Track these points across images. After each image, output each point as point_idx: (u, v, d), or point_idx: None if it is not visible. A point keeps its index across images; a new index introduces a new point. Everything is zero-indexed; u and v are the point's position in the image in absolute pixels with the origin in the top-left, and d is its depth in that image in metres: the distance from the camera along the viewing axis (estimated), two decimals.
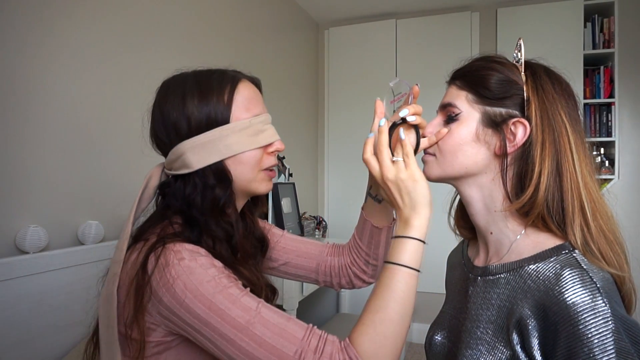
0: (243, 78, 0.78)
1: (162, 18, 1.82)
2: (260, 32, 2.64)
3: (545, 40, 2.89)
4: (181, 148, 0.72)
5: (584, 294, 0.54)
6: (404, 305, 0.63)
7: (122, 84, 1.60)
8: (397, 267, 0.64)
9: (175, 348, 0.69)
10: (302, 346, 0.60)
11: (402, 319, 0.63)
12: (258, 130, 0.75)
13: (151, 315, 0.66)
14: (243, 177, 0.75)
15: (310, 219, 3.06)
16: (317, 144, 3.54)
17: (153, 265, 0.65)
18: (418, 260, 0.66)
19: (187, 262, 0.64)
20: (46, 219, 1.31)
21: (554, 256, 0.61)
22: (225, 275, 0.66)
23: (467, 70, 0.71)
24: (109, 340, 0.68)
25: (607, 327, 0.52)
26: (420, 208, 0.66)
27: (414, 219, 0.66)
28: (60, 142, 1.37)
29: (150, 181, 0.77)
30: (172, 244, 0.66)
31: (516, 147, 0.65)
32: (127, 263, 0.70)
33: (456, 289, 0.80)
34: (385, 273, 0.65)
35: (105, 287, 0.70)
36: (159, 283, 0.63)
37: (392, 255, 0.66)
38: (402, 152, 0.67)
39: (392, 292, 0.63)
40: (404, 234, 0.66)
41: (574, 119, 0.66)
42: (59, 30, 1.36)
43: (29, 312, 1.17)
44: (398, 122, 0.72)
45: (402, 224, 0.67)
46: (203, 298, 0.62)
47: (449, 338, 0.76)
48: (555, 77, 0.68)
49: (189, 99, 0.72)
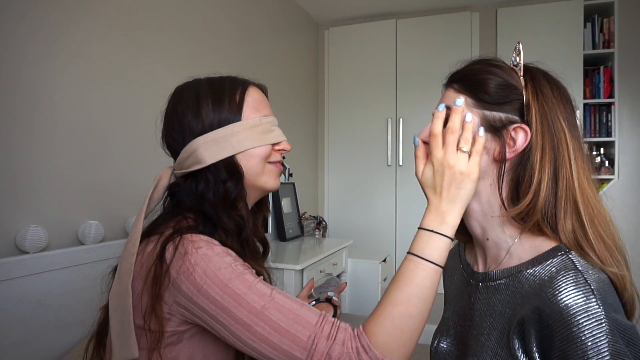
0: (252, 84, 0.83)
1: (164, 19, 1.82)
2: (261, 32, 2.65)
3: (545, 41, 2.89)
4: (194, 144, 0.75)
5: (577, 296, 0.54)
6: (426, 302, 0.62)
7: (124, 85, 1.60)
8: (424, 262, 0.63)
9: (189, 340, 0.70)
10: (315, 332, 0.61)
11: (421, 314, 0.62)
12: (267, 130, 0.79)
13: (167, 304, 0.67)
14: (253, 172, 0.78)
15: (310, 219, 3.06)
16: (317, 144, 3.54)
17: (171, 255, 0.67)
18: (445, 258, 0.64)
19: (205, 250, 0.66)
20: (46, 219, 1.31)
21: (551, 259, 0.61)
22: (241, 262, 0.68)
23: (466, 73, 0.69)
24: (124, 334, 0.68)
25: (601, 329, 0.52)
26: (461, 206, 0.64)
27: (450, 214, 0.64)
28: (61, 142, 1.37)
29: (160, 182, 0.79)
30: (189, 234, 0.69)
31: (516, 153, 0.64)
32: (142, 255, 0.71)
33: (457, 294, 0.80)
34: (410, 266, 0.64)
35: (119, 281, 0.71)
36: (178, 271, 0.65)
37: (420, 249, 0.64)
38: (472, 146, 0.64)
39: (415, 287, 0.62)
40: (438, 229, 0.64)
41: (572, 124, 0.65)
42: (65, 31, 1.36)
43: (29, 312, 1.17)
44: (322, 299, 0.93)
45: (438, 217, 0.65)
46: (220, 283, 0.64)
47: (455, 346, 0.76)
48: (553, 82, 0.67)
49: (203, 101, 0.76)
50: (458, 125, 0.65)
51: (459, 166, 0.63)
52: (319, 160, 3.53)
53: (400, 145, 3.26)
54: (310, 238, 2.86)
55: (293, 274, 1.91)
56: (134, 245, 0.72)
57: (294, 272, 1.91)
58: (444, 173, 0.64)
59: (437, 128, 0.66)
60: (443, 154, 0.65)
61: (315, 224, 3.08)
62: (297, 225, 2.80)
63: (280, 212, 2.58)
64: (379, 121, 3.31)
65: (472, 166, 0.63)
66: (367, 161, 3.35)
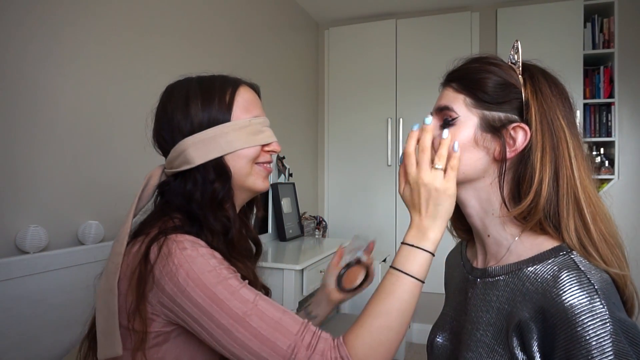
0: (243, 83, 0.81)
1: (163, 19, 1.82)
2: (260, 31, 2.64)
3: (545, 40, 2.89)
4: (183, 145, 0.75)
5: (582, 296, 0.54)
6: (405, 315, 0.64)
7: (123, 85, 1.60)
8: (405, 276, 0.65)
9: (174, 340, 0.70)
10: (295, 341, 0.61)
11: (400, 327, 0.64)
12: (257, 130, 0.78)
13: (151, 305, 0.67)
14: (241, 173, 0.77)
15: (310, 219, 3.06)
16: (317, 144, 3.54)
17: (156, 255, 0.67)
18: (426, 272, 0.66)
19: (189, 251, 0.66)
20: (46, 219, 1.31)
21: (552, 258, 0.61)
22: (225, 266, 0.68)
23: (464, 72, 0.69)
24: (109, 333, 0.69)
25: (605, 329, 0.52)
26: (442, 222, 0.66)
27: (431, 230, 0.66)
28: (61, 142, 1.37)
29: (150, 180, 0.80)
30: (174, 234, 0.68)
31: (516, 152, 0.64)
32: (128, 255, 0.72)
33: (456, 290, 0.80)
34: (391, 279, 0.65)
35: (105, 280, 0.72)
36: (161, 272, 0.65)
37: (402, 263, 0.66)
38: (446, 163, 0.65)
39: (396, 301, 0.64)
40: (419, 244, 0.66)
41: (571, 122, 0.65)
42: (65, 33, 1.36)
43: (29, 312, 1.17)
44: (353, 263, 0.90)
45: (419, 233, 0.66)
46: (204, 287, 0.64)
47: (450, 340, 0.76)
48: (552, 80, 0.67)
49: (193, 100, 0.76)
50: (428, 143, 0.67)
51: (434, 183, 0.65)
52: (319, 160, 3.53)
53: (400, 145, 3.26)
54: (310, 238, 2.86)
55: (293, 274, 1.91)
56: (122, 244, 0.72)
57: (294, 272, 1.91)
58: (420, 191, 0.66)
59: (410, 148, 0.68)
60: (417, 172, 0.67)
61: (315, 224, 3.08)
62: (297, 225, 2.80)
63: (280, 212, 2.58)
64: (379, 121, 3.31)
65: (447, 182, 0.65)
66: (367, 161, 3.35)
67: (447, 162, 0.65)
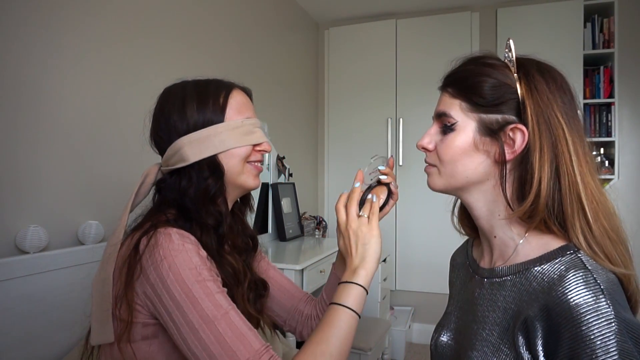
0: (236, 87, 0.87)
1: (163, 19, 1.82)
2: (260, 32, 2.64)
3: (545, 40, 2.89)
4: (179, 143, 0.79)
5: (587, 295, 0.54)
6: (343, 343, 0.70)
7: (123, 86, 1.60)
8: (342, 308, 0.72)
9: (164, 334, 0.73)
10: (254, 356, 0.65)
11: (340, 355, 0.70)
12: (249, 131, 0.82)
13: (137, 294, 0.70)
14: (233, 170, 0.82)
15: (310, 219, 3.06)
16: (317, 144, 3.54)
17: (144, 245, 0.70)
18: (360, 305, 0.74)
19: (175, 245, 0.70)
20: (46, 219, 1.31)
21: (559, 257, 0.61)
22: (207, 267, 0.71)
23: (459, 76, 0.69)
24: (102, 320, 0.73)
25: (610, 329, 0.51)
26: (369, 261, 0.76)
27: (362, 268, 0.76)
28: (61, 142, 1.37)
29: (147, 178, 0.84)
30: (164, 227, 0.72)
31: (516, 154, 0.64)
32: (123, 247, 0.76)
33: (461, 289, 0.80)
34: (330, 312, 0.73)
35: (102, 268, 0.76)
36: (148, 261, 0.69)
37: (338, 298, 0.74)
38: (369, 210, 0.79)
39: (334, 329, 0.70)
40: (351, 280, 0.75)
41: (571, 117, 0.64)
42: (65, 35, 1.36)
43: (29, 312, 1.17)
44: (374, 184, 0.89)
45: (351, 272, 0.76)
46: (182, 282, 0.67)
47: (455, 339, 0.76)
48: (549, 75, 0.66)
49: (189, 102, 0.80)
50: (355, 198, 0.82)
51: (361, 228, 0.78)
52: (319, 160, 3.53)
53: (400, 146, 3.26)
54: (310, 238, 2.86)
55: (293, 274, 1.91)
56: (117, 236, 0.77)
57: (294, 272, 1.91)
58: (350, 235, 0.78)
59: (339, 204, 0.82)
60: (346, 221, 0.80)
61: (315, 224, 3.08)
62: (297, 225, 2.80)
63: (280, 212, 2.58)
64: (379, 121, 3.31)
65: (372, 226, 0.78)
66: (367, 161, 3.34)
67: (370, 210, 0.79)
